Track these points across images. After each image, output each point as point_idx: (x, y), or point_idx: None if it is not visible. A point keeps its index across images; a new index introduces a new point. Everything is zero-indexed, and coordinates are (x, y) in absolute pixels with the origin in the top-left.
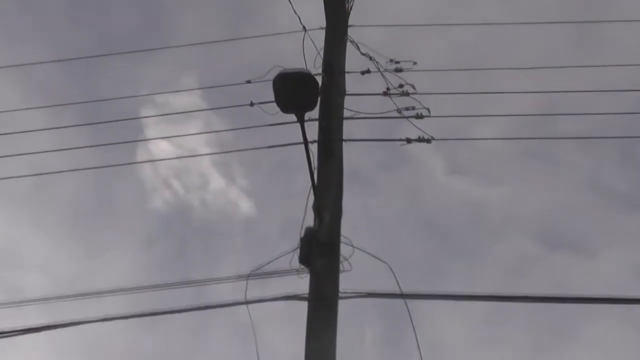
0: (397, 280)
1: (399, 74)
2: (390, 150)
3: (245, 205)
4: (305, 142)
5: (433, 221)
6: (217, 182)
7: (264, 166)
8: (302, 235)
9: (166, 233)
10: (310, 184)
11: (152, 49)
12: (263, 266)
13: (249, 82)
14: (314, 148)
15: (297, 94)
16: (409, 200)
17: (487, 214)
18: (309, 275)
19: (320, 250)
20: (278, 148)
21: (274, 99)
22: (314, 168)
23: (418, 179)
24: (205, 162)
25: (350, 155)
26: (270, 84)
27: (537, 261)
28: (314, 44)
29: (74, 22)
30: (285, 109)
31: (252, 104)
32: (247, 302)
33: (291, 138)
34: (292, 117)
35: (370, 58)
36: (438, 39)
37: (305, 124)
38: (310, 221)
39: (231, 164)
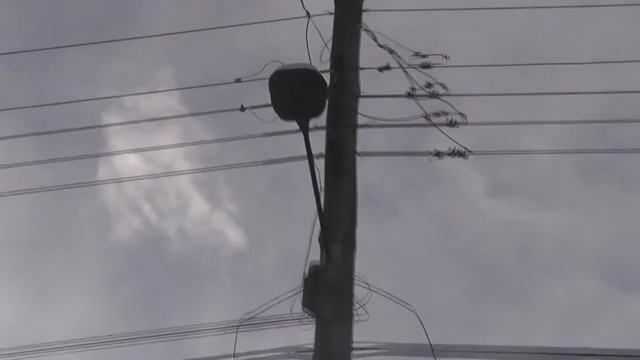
0: (425, 331)
1: (426, 70)
2: (416, 166)
3: (234, 235)
4: (310, 157)
5: (470, 255)
6: (198, 205)
7: (257, 186)
8: (306, 273)
9: (135, 270)
10: (315, 208)
11: (118, 40)
12: (257, 312)
13: (238, 80)
14: (320, 164)
15: (300, 96)
16: (440, 229)
17: (538, 245)
18: (314, 324)
19: (328, 292)
20: (275, 164)
21: (270, 102)
22: (321, 189)
23: (451, 202)
24: (185, 181)
25: (366, 172)
26: (266, 83)
27: (602, 305)
28: (319, 33)
29: (19, 6)
30: (284, 114)
31: (243, 109)
32: (236, 356)
33: (292, 151)
34: (294, 125)
35: (391, 51)
36: (475, 26)
37: (310, 133)
38: (316, 256)
39: (217, 183)
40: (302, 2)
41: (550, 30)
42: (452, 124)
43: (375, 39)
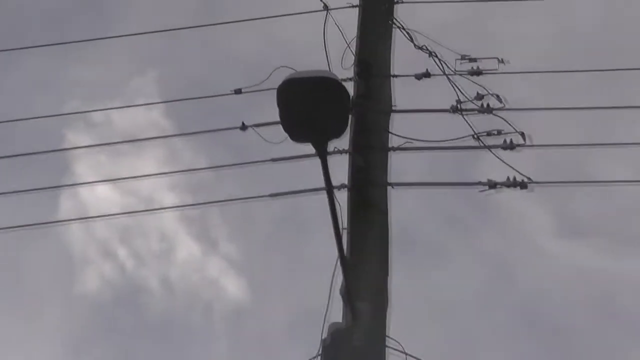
0: None
1: (476, 78)
2: (464, 200)
3: (233, 287)
4: (329, 188)
5: (533, 310)
6: (188, 248)
7: (262, 224)
8: (326, 336)
9: (106, 329)
10: (336, 253)
11: (87, 40)
12: None
13: (238, 91)
14: (342, 197)
15: (316, 110)
16: (495, 278)
17: (620, 298)
18: None
19: None
20: (285, 197)
21: (278, 119)
22: (343, 228)
23: (508, 244)
24: (170, 218)
25: (401, 207)
26: (273, 94)
27: None
28: (341, 31)
29: None
30: (296, 135)
31: (244, 127)
32: None
33: (306, 181)
34: (309, 149)
35: (431, 54)
36: (539, 21)
37: (330, 158)
38: (337, 314)
39: (211, 220)
40: None
41: (637, 24)
42: (509, 146)
43: (411, 38)
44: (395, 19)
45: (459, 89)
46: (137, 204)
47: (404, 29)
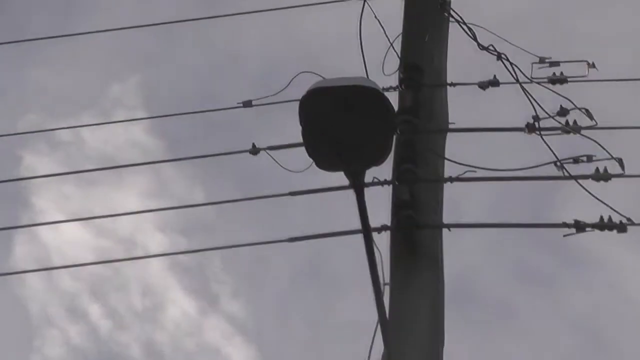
0: None
1: (559, 87)
2: (541, 244)
3: (239, 357)
4: (366, 230)
5: None
6: (180, 307)
7: (277, 277)
8: None
9: None
10: (375, 315)
11: (51, 37)
12: None
13: (248, 104)
14: (382, 240)
15: (350, 130)
16: (584, 347)
17: None
18: None
19: None
20: (308, 241)
21: (300, 141)
22: (384, 283)
23: (600, 298)
24: (159, 267)
25: (459, 254)
26: (294, 109)
27: None
28: (382, 26)
29: None
30: (324, 160)
31: (255, 150)
32: None
33: (335, 220)
34: (339, 178)
35: (499, 56)
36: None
37: (367, 191)
38: None
39: (211, 270)
40: None
41: None
42: (602, 176)
43: (474, 36)
44: (453, 11)
45: (536, 102)
46: (115, 248)
47: (464, 23)
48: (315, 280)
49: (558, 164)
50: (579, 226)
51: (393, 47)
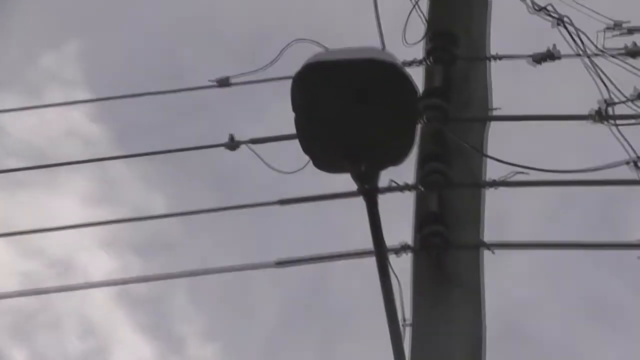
0: None
1: (636, 62)
2: (611, 267)
3: None
4: (380, 250)
5: None
6: (132, 350)
7: (262, 310)
8: None
9: None
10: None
11: None
12: None
13: (225, 83)
14: (403, 263)
15: (360, 118)
16: None
17: None
18: None
19: None
20: (300, 265)
21: (293, 132)
22: (404, 322)
23: None
24: (103, 298)
25: (503, 280)
26: (284, 88)
27: None
28: None
29: None
30: (324, 158)
31: (234, 143)
32: None
33: (337, 237)
34: (343, 182)
35: (559, 21)
36: None
37: (381, 198)
38: None
39: (174, 302)
40: None
41: None
42: None
43: None
44: None
45: (609, 80)
46: (45, 272)
47: None
48: (311, 318)
49: (634, 163)
50: None
51: (418, 8)
